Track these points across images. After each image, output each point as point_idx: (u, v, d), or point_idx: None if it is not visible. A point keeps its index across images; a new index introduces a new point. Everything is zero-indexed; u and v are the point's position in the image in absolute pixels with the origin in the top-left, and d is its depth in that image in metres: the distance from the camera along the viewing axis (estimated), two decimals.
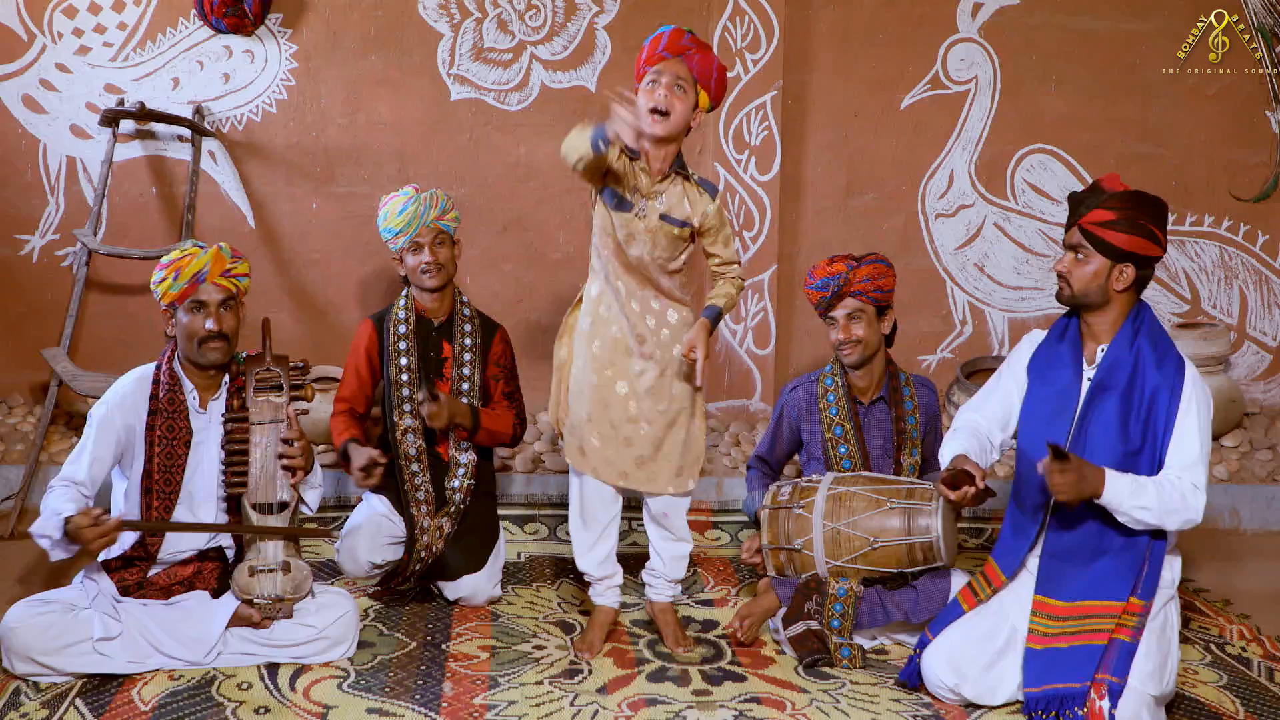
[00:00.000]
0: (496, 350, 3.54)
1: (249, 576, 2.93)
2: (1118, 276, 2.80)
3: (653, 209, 2.94)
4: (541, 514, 4.10)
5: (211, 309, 2.95)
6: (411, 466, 3.41)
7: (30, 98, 4.54)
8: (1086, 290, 2.82)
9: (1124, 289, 2.81)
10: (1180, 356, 2.83)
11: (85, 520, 2.71)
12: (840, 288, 3.30)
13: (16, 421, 4.51)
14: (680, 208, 2.97)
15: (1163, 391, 2.77)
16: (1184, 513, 2.70)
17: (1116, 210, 2.77)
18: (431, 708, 2.77)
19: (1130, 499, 2.67)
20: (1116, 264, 2.79)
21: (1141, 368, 2.78)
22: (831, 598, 3.12)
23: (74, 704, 2.74)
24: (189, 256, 2.95)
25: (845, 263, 3.31)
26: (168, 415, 2.97)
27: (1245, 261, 5.06)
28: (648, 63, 2.91)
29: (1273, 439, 4.75)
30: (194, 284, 2.94)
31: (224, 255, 2.98)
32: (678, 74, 2.88)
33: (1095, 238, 2.78)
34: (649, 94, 2.88)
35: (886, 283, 3.32)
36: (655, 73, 2.89)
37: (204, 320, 2.94)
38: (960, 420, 3.01)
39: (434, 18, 4.61)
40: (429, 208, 3.39)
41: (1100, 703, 2.62)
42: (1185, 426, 2.76)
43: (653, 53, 2.90)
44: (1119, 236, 2.76)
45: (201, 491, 3.01)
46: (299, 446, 2.98)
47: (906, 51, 4.79)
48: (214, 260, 2.95)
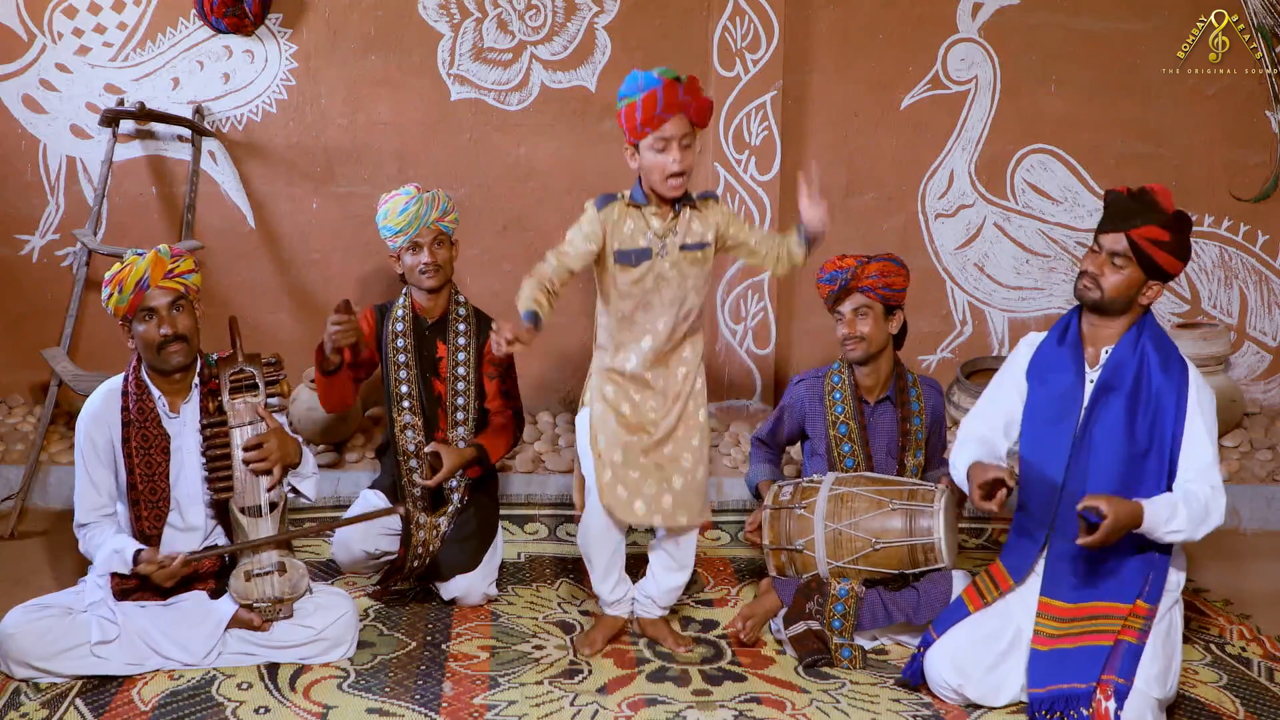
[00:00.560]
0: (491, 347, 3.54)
1: (246, 581, 2.93)
2: (1146, 291, 2.81)
3: (672, 244, 2.93)
4: (541, 514, 4.09)
5: (162, 313, 2.93)
6: (410, 462, 3.42)
7: (30, 98, 4.54)
8: (1115, 298, 2.81)
9: (1148, 303, 2.83)
10: (1183, 359, 2.83)
11: (152, 567, 2.84)
12: (848, 282, 3.31)
13: (16, 421, 4.51)
14: (694, 232, 2.96)
15: (1169, 393, 2.76)
16: (1210, 520, 2.72)
17: (1172, 231, 2.76)
18: (431, 708, 2.76)
19: (1164, 525, 2.68)
20: (1150, 279, 2.79)
21: (1147, 369, 2.78)
22: (833, 598, 3.12)
23: (74, 704, 2.74)
24: (128, 267, 2.93)
25: (856, 258, 3.32)
26: (140, 425, 2.97)
27: (1245, 261, 5.05)
28: (647, 124, 2.82)
29: (1273, 439, 4.75)
30: (139, 292, 2.91)
31: (163, 258, 2.95)
32: (683, 132, 2.84)
33: (1143, 253, 2.76)
34: (659, 158, 2.84)
35: (895, 281, 3.31)
36: (660, 138, 2.83)
37: (158, 327, 2.93)
38: (965, 431, 3.01)
39: (434, 18, 4.61)
40: (430, 208, 3.39)
41: (1106, 704, 2.61)
42: (1195, 430, 2.76)
43: (650, 114, 2.81)
44: (1167, 259, 2.76)
45: (187, 497, 3.01)
46: (266, 448, 2.96)
47: (906, 51, 4.79)
48: (153, 265, 2.92)
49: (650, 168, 2.86)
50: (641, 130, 2.83)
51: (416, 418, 3.43)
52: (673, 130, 2.82)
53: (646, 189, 2.93)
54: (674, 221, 2.94)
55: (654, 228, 2.92)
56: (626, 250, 2.91)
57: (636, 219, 2.93)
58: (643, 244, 2.92)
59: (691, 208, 2.96)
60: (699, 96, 2.87)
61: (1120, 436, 2.77)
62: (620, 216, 2.92)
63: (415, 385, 3.44)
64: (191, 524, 3.02)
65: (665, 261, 2.93)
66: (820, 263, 3.40)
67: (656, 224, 2.93)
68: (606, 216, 2.91)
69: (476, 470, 3.44)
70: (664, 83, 2.80)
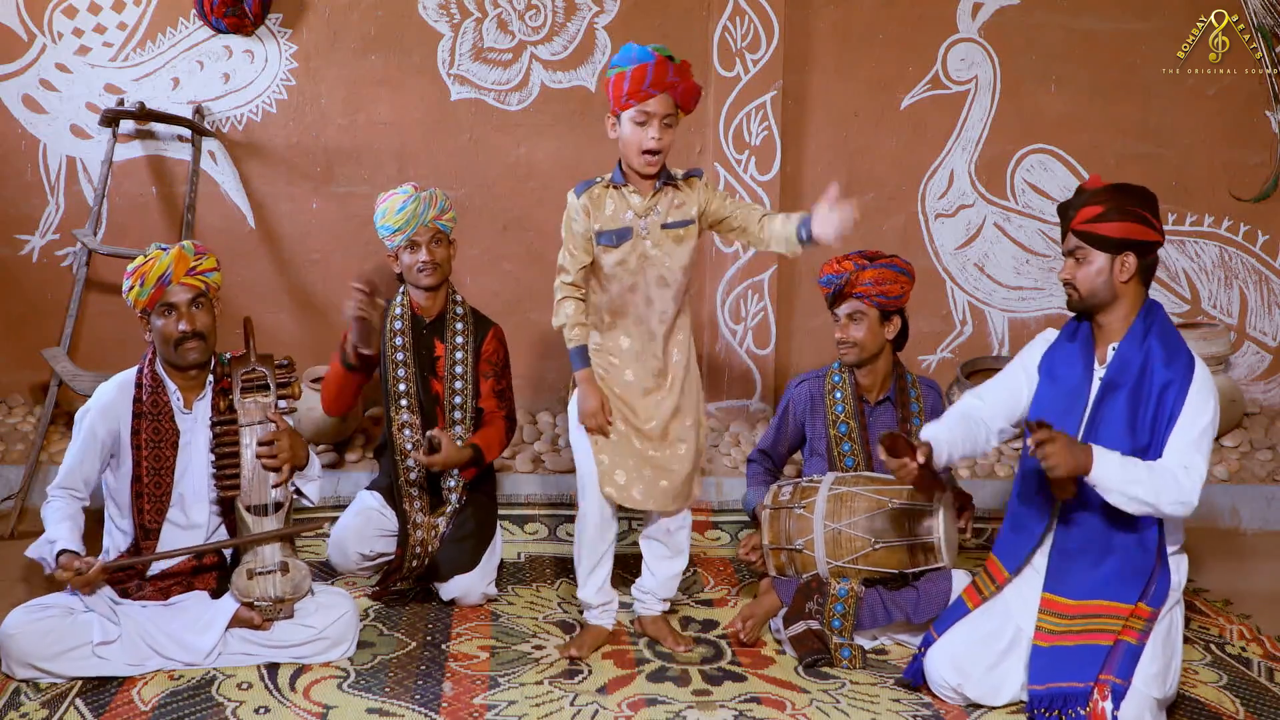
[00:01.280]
0: (489, 348, 3.54)
1: (248, 579, 2.93)
2: (1120, 268, 2.79)
3: (654, 223, 2.96)
4: (541, 514, 4.09)
5: (182, 310, 2.93)
6: (407, 462, 3.42)
7: (30, 98, 4.54)
8: (1093, 289, 2.81)
9: (1129, 279, 2.80)
10: (1192, 355, 2.81)
11: (67, 574, 2.80)
12: (842, 287, 3.30)
13: (16, 421, 4.51)
14: (676, 211, 2.98)
15: (1172, 387, 2.75)
16: (1176, 493, 2.65)
17: (1103, 203, 2.78)
18: (431, 708, 2.77)
19: (1120, 473, 2.64)
20: (1117, 256, 2.78)
21: (1151, 364, 2.77)
22: (832, 598, 3.12)
23: (74, 704, 2.74)
24: (151, 260, 2.93)
25: (854, 262, 3.31)
26: (152, 418, 2.97)
27: (1245, 261, 5.05)
28: (633, 96, 2.84)
29: (1273, 439, 4.75)
30: (160, 287, 2.92)
31: (187, 254, 2.95)
32: (666, 111, 2.87)
33: (1089, 234, 2.79)
34: (638, 131, 2.87)
35: (893, 289, 3.30)
36: (643, 111, 2.86)
37: (176, 322, 2.93)
38: (957, 404, 3.00)
39: (434, 18, 4.61)
40: (428, 207, 3.39)
41: (1103, 703, 2.62)
42: (1187, 416, 2.74)
43: (638, 87, 2.84)
44: (1111, 226, 2.77)
45: (192, 493, 3.01)
46: (278, 446, 2.96)
47: (906, 51, 4.79)
48: (177, 261, 2.93)
49: (628, 140, 2.90)
50: (626, 101, 2.87)
51: (414, 416, 3.43)
52: (656, 107, 2.86)
53: (625, 168, 2.96)
54: (654, 200, 2.96)
55: (634, 205, 2.95)
56: (608, 231, 2.95)
57: (617, 199, 2.96)
58: (624, 224, 2.95)
59: (674, 186, 2.99)
60: (688, 80, 2.90)
61: (1123, 433, 2.77)
62: (600, 197, 2.96)
63: (413, 384, 3.45)
64: (194, 521, 3.02)
65: (647, 240, 2.95)
66: (807, 268, 3.40)
67: (637, 201, 2.95)
68: (588, 198, 2.95)
69: (472, 471, 3.44)
70: (656, 59, 2.85)
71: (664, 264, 2.97)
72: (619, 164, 2.98)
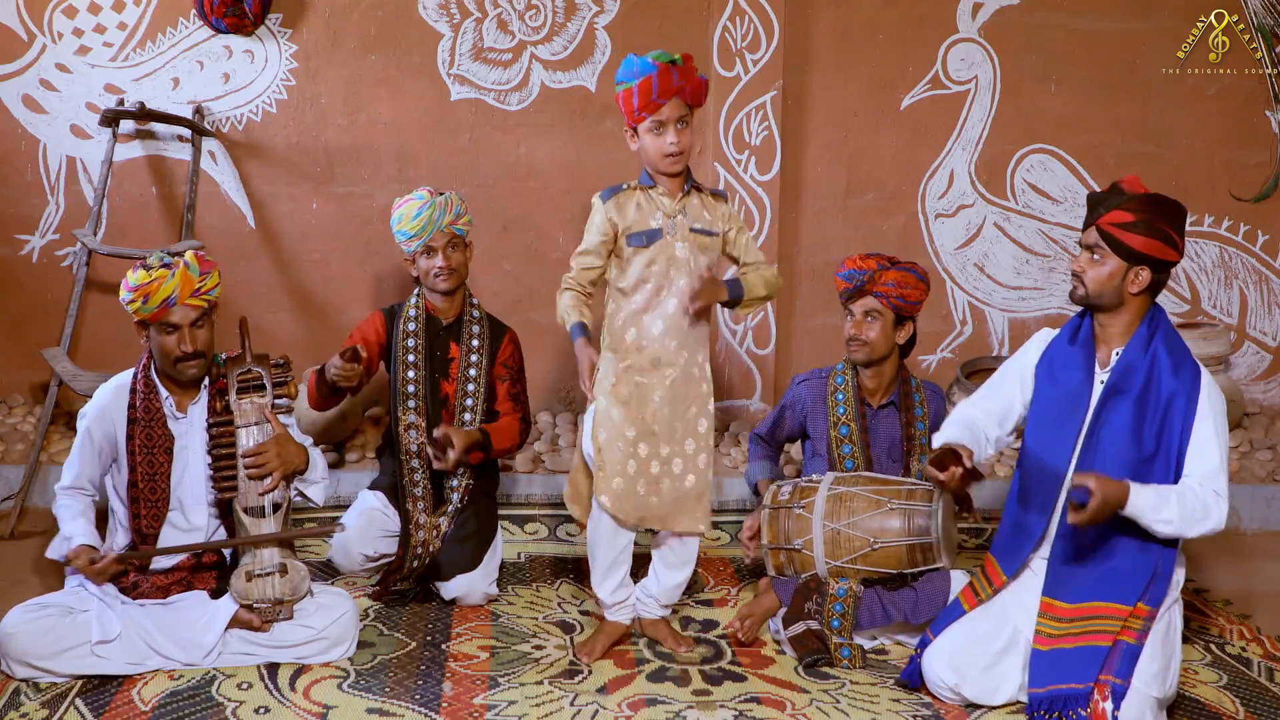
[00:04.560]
0: (505, 352, 3.55)
1: (246, 581, 2.92)
2: (1133, 279, 2.78)
3: (682, 224, 2.98)
4: (541, 514, 4.09)
5: (185, 331, 2.91)
6: (412, 462, 3.42)
7: (30, 98, 4.54)
8: (1101, 291, 2.80)
9: (1139, 292, 2.80)
10: (1196, 363, 2.80)
11: (82, 562, 2.85)
12: (863, 283, 3.31)
13: (16, 421, 4.51)
14: (704, 218, 3.01)
15: (1179, 398, 2.75)
16: (1207, 521, 2.70)
17: (1135, 212, 2.74)
18: (431, 708, 2.77)
19: (1152, 512, 2.67)
20: (1132, 266, 2.77)
21: (1157, 373, 2.76)
22: (831, 598, 3.12)
23: (74, 704, 2.74)
24: (156, 281, 2.86)
25: (879, 261, 3.33)
26: (145, 424, 2.97)
27: (1245, 261, 5.06)
28: (644, 109, 2.89)
29: (1273, 439, 4.75)
30: (164, 308, 2.88)
31: (192, 276, 2.90)
32: (679, 114, 2.91)
33: (1113, 239, 2.76)
34: (657, 140, 2.91)
35: (911, 294, 3.32)
36: (656, 121, 2.90)
37: (178, 343, 2.91)
38: (956, 413, 3.00)
39: (434, 18, 4.61)
40: (443, 212, 3.40)
41: (1104, 704, 2.62)
42: (1203, 434, 2.74)
43: (647, 99, 2.88)
44: (1136, 239, 2.74)
45: (191, 496, 3.01)
46: (265, 455, 2.95)
47: (906, 51, 4.79)
48: (183, 283, 2.88)
49: (649, 149, 2.94)
50: (639, 115, 2.91)
51: (420, 418, 3.44)
52: (669, 113, 2.90)
53: (652, 172, 2.99)
54: (683, 202, 2.99)
55: (664, 207, 2.97)
56: (638, 232, 2.96)
57: (645, 201, 2.98)
58: (653, 225, 2.96)
59: (699, 192, 3.03)
60: (693, 79, 2.93)
61: (1127, 440, 2.76)
62: (628, 201, 2.97)
63: (422, 385, 3.45)
64: (195, 524, 3.02)
65: (676, 241, 2.96)
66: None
67: (667, 203, 2.98)
68: (614, 204, 2.96)
69: (479, 455, 3.43)
70: (659, 68, 2.87)
71: (689, 267, 2.97)
72: (645, 170, 3.00)
